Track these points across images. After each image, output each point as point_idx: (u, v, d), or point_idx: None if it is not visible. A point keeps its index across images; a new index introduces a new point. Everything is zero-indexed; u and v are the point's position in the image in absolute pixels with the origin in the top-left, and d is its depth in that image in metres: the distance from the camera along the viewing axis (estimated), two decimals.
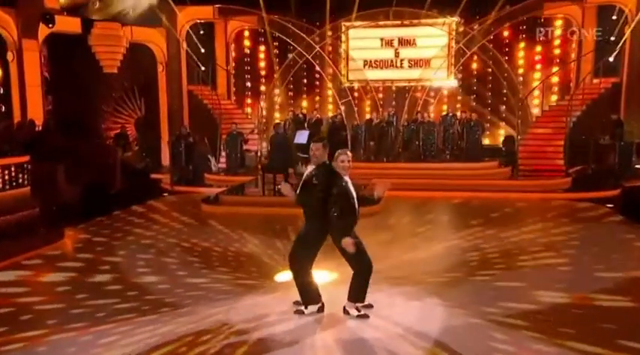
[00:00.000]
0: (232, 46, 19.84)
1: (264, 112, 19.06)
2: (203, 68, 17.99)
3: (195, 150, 15.74)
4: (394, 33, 18.72)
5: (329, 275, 6.74)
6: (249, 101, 20.33)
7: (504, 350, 4.86)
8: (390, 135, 15.68)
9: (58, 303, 6.22)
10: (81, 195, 11.25)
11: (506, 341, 5.03)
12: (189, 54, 17.92)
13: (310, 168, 5.60)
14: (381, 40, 18.81)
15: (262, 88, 20.09)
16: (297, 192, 5.59)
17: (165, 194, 13.69)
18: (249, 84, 20.24)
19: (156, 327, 5.51)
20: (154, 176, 15.28)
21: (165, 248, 8.67)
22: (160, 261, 7.94)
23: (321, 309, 5.75)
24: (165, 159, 16.94)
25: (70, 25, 15.37)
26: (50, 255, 8.27)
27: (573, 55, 17.90)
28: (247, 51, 20.15)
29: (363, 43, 18.95)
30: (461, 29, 18.46)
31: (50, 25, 13.71)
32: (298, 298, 5.81)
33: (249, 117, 19.22)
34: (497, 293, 6.30)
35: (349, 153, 5.50)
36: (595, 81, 16.35)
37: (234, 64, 20.06)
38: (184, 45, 17.89)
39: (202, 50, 18.19)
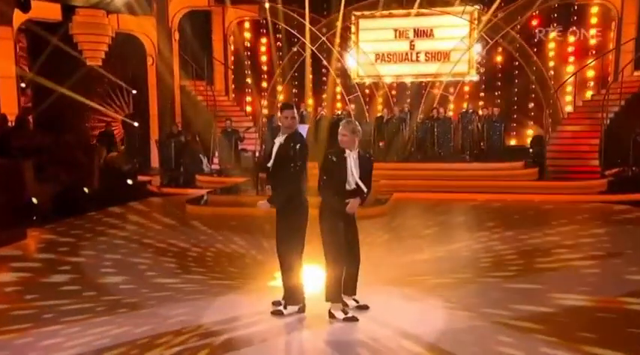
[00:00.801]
0: (231, 39, 19.79)
1: (266, 111, 18.92)
2: (194, 66, 17.95)
3: (187, 150, 15.59)
4: (409, 23, 18.52)
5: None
6: (249, 99, 20.20)
7: None
8: (401, 132, 15.35)
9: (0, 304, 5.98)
10: (54, 194, 11.08)
11: (515, 345, 4.66)
12: (182, 46, 17.87)
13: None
14: (395, 31, 18.64)
15: (264, 84, 19.97)
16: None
17: (150, 196, 13.49)
18: (249, 80, 20.13)
19: (108, 329, 5.24)
20: (141, 178, 15.12)
21: (138, 249, 8.45)
22: (128, 262, 7.71)
23: (301, 309, 5.48)
24: (155, 159, 16.82)
25: (48, 11, 15.35)
26: (7, 256, 8.06)
27: (611, 46, 17.47)
28: (248, 44, 20.09)
29: (375, 35, 18.78)
30: (484, 18, 18.17)
31: (26, 11, 13.68)
32: (277, 298, 5.56)
33: (248, 115, 19.04)
34: (506, 295, 5.93)
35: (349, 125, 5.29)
36: (636, 73, 15.88)
37: (232, 59, 19.99)
38: (177, 36, 17.83)
39: (196, 42, 18.16)
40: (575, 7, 17.87)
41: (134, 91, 17.96)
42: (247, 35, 20.15)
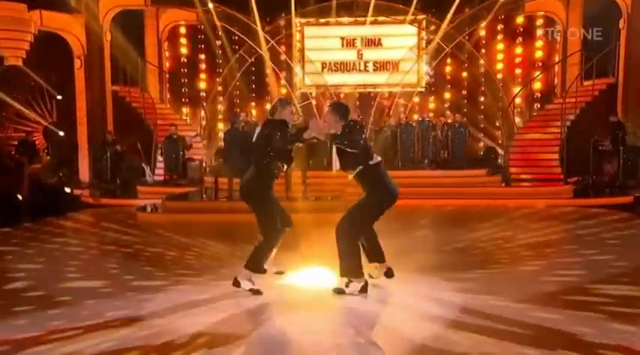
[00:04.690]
0: (165, 44, 18.93)
1: (204, 122, 18.12)
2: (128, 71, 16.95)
3: (124, 159, 14.49)
4: (356, 32, 18.42)
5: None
6: (185, 110, 19.27)
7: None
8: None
9: None
10: None
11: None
12: (114, 48, 16.79)
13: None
14: (342, 39, 18.45)
15: (203, 93, 19.16)
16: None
17: (88, 207, 12.33)
18: (185, 89, 19.24)
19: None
20: (69, 192, 13.82)
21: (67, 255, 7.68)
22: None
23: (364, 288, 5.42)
24: (84, 171, 15.52)
25: None
26: None
27: (557, 57, 18.15)
28: (184, 50, 19.26)
29: (321, 43, 18.54)
30: (432, 27, 18.41)
31: None
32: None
33: (189, 123, 18.14)
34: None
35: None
36: (586, 83, 16.48)
37: (168, 64, 19.10)
38: (108, 36, 16.74)
39: (129, 45, 17.15)
40: (522, 18, 18.43)
41: (59, 96, 16.57)
42: (183, 41, 19.30)
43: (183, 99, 19.42)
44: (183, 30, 19.25)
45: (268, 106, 19.02)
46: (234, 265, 6.69)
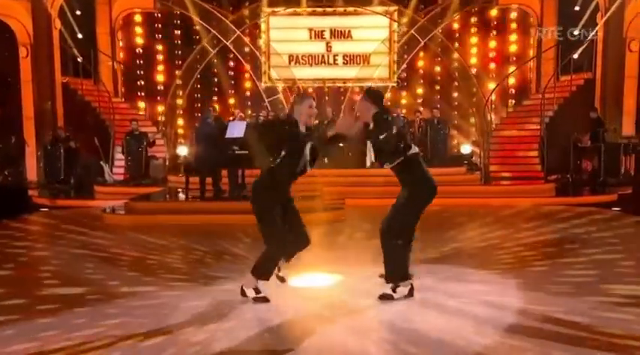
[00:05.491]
0: (119, 34, 18.38)
1: (163, 117, 17.69)
2: (80, 58, 16.33)
3: (79, 158, 13.95)
4: (325, 23, 18.34)
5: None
6: (142, 104, 18.70)
7: None
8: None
9: None
10: None
11: None
12: (64, 35, 16.17)
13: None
14: (310, 30, 18.33)
15: (160, 86, 18.67)
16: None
17: (44, 209, 11.79)
18: (141, 82, 18.71)
19: None
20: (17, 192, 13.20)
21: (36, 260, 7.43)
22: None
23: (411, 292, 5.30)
24: (32, 170, 14.87)
25: None
26: None
27: (531, 52, 18.47)
28: (140, 40, 18.71)
29: (288, 34, 18.36)
30: (404, 20, 18.49)
31: None
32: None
33: (147, 118, 17.65)
34: None
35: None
36: (563, 78, 16.81)
37: (122, 55, 18.54)
38: (58, 24, 16.09)
39: (80, 35, 16.59)
40: (496, 11, 18.67)
41: None
42: (139, 30, 18.74)
43: (139, 93, 18.88)
44: (138, 18, 18.74)
45: (232, 101, 18.83)
46: (223, 268, 6.65)
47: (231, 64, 18.77)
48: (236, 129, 11.55)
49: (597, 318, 4.68)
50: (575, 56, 16.19)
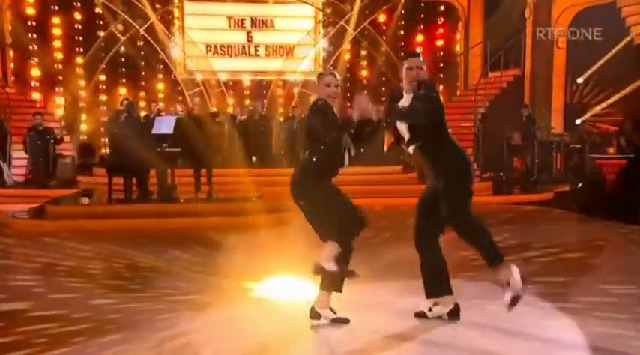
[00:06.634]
0: (7, 14, 17.15)
1: (62, 111, 16.94)
2: None
3: None
4: (245, 11, 18.28)
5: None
6: (37, 95, 17.60)
7: None
8: (264, 134, 14.88)
9: None
10: None
11: None
12: None
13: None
14: (229, 18, 18.22)
15: (60, 77, 17.76)
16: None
17: None
18: (36, 71, 17.66)
19: None
20: None
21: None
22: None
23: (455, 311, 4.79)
24: None
25: None
26: None
27: (458, 47, 19.16)
28: (31, 11, 17.43)
29: (205, 22, 18.15)
30: (329, 10, 18.70)
31: None
32: None
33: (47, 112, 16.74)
34: None
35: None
36: (491, 75, 17.52)
37: (10, 39, 17.33)
38: None
39: None
40: (422, 5, 19.18)
41: None
42: (30, 11, 17.52)
43: (32, 84, 17.73)
44: None
45: (143, 94, 18.27)
46: (182, 274, 6.54)
47: (142, 52, 18.12)
48: (164, 125, 11.28)
49: None
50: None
